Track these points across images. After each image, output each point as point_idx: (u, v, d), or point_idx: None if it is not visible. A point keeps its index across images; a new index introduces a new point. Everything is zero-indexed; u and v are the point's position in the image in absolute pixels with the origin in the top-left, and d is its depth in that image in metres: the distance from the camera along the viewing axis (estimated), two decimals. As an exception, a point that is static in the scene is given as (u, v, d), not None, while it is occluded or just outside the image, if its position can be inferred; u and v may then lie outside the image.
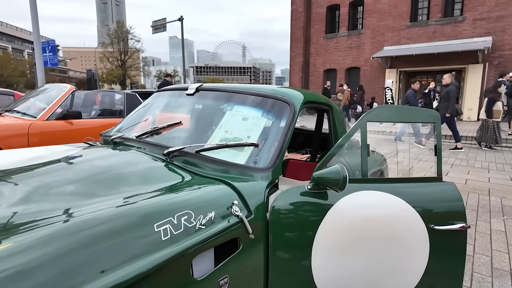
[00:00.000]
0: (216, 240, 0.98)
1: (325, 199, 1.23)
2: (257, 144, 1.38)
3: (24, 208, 0.93)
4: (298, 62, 18.65)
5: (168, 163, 1.36)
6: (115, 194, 1.05)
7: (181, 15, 19.26)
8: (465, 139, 8.46)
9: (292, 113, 1.45)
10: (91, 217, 0.84)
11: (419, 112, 1.47)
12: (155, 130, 1.67)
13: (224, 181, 1.19)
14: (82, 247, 0.75)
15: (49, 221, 0.83)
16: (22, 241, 0.73)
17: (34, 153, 1.51)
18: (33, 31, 6.92)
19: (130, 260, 0.79)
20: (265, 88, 1.65)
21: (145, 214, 0.90)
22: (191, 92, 1.76)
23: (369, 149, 1.37)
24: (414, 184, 1.39)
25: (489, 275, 2.15)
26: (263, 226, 1.13)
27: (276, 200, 1.17)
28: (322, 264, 1.21)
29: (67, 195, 1.03)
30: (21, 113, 3.65)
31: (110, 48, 43.42)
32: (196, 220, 0.97)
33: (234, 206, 1.07)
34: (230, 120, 1.55)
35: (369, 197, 1.29)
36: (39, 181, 1.10)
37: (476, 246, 2.55)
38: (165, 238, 0.88)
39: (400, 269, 1.31)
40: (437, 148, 1.43)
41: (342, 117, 1.93)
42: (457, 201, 1.38)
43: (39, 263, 0.69)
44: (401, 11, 15.14)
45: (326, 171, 1.16)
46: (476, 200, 3.72)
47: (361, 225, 1.25)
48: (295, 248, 1.18)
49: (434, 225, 1.32)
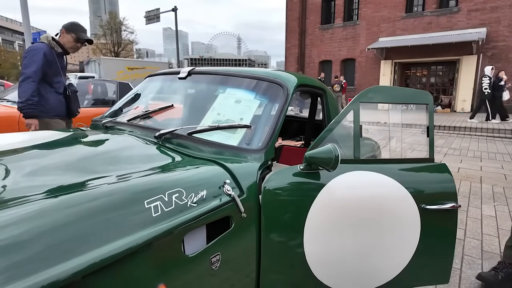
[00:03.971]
0: (207, 218, 0.98)
1: (317, 179, 1.23)
2: (249, 126, 1.37)
3: (13, 185, 0.92)
4: (294, 53, 18.55)
5: (160, 146, 1.35)
6: (106, 173, 1.04)
7: (175, 6, 18.98)
8: (458, 130, 8.54)
9: (285, 96, 1.44)
10: (80, 193, 0.84)
11: (412, 93, 1.47)
12: (146, 113, 1.65)
13: (217, 162, 1.18)
14: (72, 222, 0.75)
15: (38, 197, 0.82)
16: (11, 215, 0.72)
17: (24, 136, 1.48)
18: (23, 22, 6.78)
19: (121, 235, 0.79)
20: (258, 70, 1.63)
21: (136, 191, 0.89)
22: (183, 76, 1.74)
23: (362, 130, 1.37)
24: (406, 165, 1.40)
25: (479, 257, 2.19)
26: (255, 206, 1.13)
27: (268, 181, 1.16)
28: (314, 244, 1.22)
29: (58, 174, 1.02)
30: (11, 102, 3.59)
31: (103, 39, 42.72)
32: (187, 198, 0.97)
33: (226, 185, 1.07)
34: (223, 103, 1.54)
35: (361, 177, 1.29)
36: (29, 162, 1.09)
37: (467, 231, 2.59)
38: (156, 214, 0.88)
39: (392, 248, 1.33)
40: (429, 130, 1.43)
41: (335, 102, 1.93)
42: (449, 182, 1.39)
43: (28, 236, 0.68)
44: (396, 1, 15.07)
45: (318, 151, 1.16)
46: (468, 187, 3.77)
47: (353, 204, 1.25)
48: (287, 228, 1.18)
49: (425, 205, 1.33)
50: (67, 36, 2.53)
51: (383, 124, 8.78)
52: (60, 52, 2.55)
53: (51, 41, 2.51)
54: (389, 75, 15.60)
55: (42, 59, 2.37)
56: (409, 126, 8.84)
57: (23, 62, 2.40)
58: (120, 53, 43.10)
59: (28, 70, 2.32)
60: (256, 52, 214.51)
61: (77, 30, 2.57)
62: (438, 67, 15.75)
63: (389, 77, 15.62)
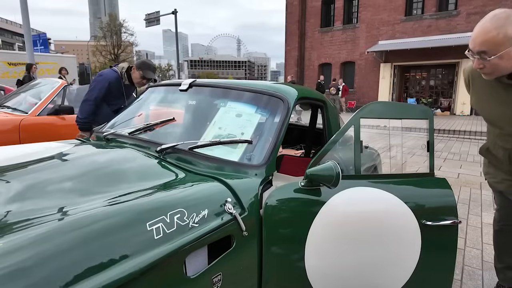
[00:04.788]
0: (209, 238, 0.98)
1: (319, 196, 1.24)
2: (250, 141, 1.38)
3: (16, 206, 0.92)
4: (293, 56, 18.59)
5: (161, 160, 1.35)
6: (107, 192, 1.04)
7: (174, 8, 19.02)
8: (458, 133, 8.55)
9: (286, 109, 1.45)
10: (82, 216, 0.84)
11: (412, 108, 1.47)
12: (148, 126, 1.65)
13: (218, 178, 1.18)
14: (74, 247, 0.75)
15: (40, 221, 0.83)
16: (14, 240, 0.73)
17: (26, 150, 1.49)
18: (23, 24, 6.79)
19: (123, 260, 0.79)
20: (259, 84, 1.64)
21: (137, 213, 0.90)
22: (184, 88, 1.75)
23: (362, 145, 1.37)
24: (407, 180, 1.40)
25: (480, 268, 2.19)
26: (257, 223, 1.13)
27: (269, 197, 1.17)
28: (315, 260, 1.22)
29: (60, 193, 1.02)
30: (11, 109, 3.59)
31: (103, 41, 42.80)
32: (189, 218, 0.97)
33: (227, 204, 1.07)
34: (224, 117, 1.55)
35: (362, 193, 1.30)
36: (32, 179, 1.09)
37: (467, 240, 2.60)
38: (158, 237, 0.88)
39: (392, 264, 1.33)
40: (429, 144, 1.44)
41: (336, 113, 1.93)
42: (449, 197, 1.39)
43: (30, 263, 0.68)
44: (396, 5, 15.12)
45: (319, 168, 1.16)
46: (468, 194, 3.77)
47: (354, 221, 1.26)
48: (288, 245, 1.18)
49: (426, 221, 1.33)
50: (136, 73, 2.83)
51: (383, 129, 8.78)
52: (127, 83, 2.86)
53: (123, 72, 2.82)
54: (389, 78, 15.63)
55: (105, 87, 2.71)
56: (408, 130, 8.84)
57: (91, 84, 2.79)
58: (120, 55, 43.14)
59: (91, 94, 2.70)
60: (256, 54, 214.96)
61: (145, 69, 2.84)
62: (437, 70, 15.79)
63: (388, 80, 15.66)
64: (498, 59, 1.14)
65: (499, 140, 1.50)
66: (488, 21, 1.14)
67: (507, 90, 1.30)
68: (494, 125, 1.48)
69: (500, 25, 1.11)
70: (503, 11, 1.14)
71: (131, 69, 2.83)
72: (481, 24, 1.16)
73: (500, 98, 1.34)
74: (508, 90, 1.30)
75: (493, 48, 1.13)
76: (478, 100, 1.48)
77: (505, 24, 1.10)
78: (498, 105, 1.37)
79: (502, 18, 1.11)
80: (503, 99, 1.33)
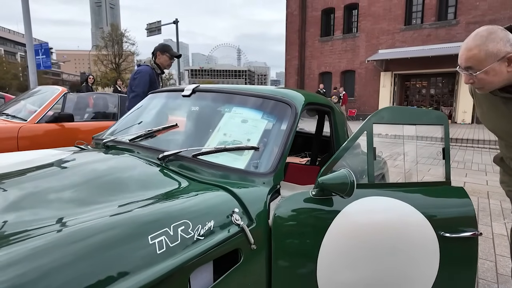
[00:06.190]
0: (215, 252, 0.91)
1: (331, 206, 1.16)
2: (257, 148, 1.31)
3: (13, 216, 0.87)
4: (294, 65, 18.67)
5: (163, 168, 1.28)
6: (106, 202, 0.97)
7: (176, 18, 19.19)
8: (460, 142, 8.49)
9: (293, 115, 1.39)
10: (81, 228, 0.78)
11: (426, 114, 1.41)
12: (149, 133, 1.59)
13: (223, 187, 1.11)
14: (71, 263, 0.69)
15: (37, 232, 0.77)
16: (10, 254, 0.68)
17: (24, 157, 1.42)
18: (26, 34, 6.79)
19: (122, 276, 0.72)
20: (264, 89, 1.58)
21: (139, 225, 0.83)
22: (188, 94, 1.69)
23: (376, 152, 1.31)
24: (423, 189, 1.33)
25: (495, 281, 2.09)
26: (265, 234, 1.06)
27: (278, 207, 1.10)
28: (328, 274, 1.14)
29: (58, 203, 0.96)
30: (10, 116, 3.54)
31: (104, 51, 43.14)
32: (194, 230, 0.89)
33: (234, 214, 1.00)
34: (229, 123, 1.48)
35: (377, 203, 1.22)
36: (30, 187, 1.03)
37: (480, 251, 2.50)
38: (161, 251, 0.80)
39: (409, 278, 1.25)
40: (445, 151, 1.37)
41: (343, 119, 1.87)
42: (468, 206, 1.32)
43: (28, 278, 0.63)
44: (395, 14, 15.25)
45: (332, 176, 1.09)
46: (476, 203, 3.69)
47: (370, 233, 1.18)
48: (299, 258, 1.10)
49: (444, 232, 1.25)
50: (163, 57, 3.07)
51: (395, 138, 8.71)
52: (159, 72, 3.09)
53: (153, 64, 3.05)
54: (389, 86, 15.66)
55: (147, 80, 2.94)
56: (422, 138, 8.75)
57: (134, 82, 2.99)
58: (121, 64, 43.44)
59: (138, 89, 2.92)
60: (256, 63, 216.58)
61: (169, 50, 3.08)
62: (437, 79, 15.83)
63: (389, 89, 15.69)
64: (484, 74, 1.17)
65: (506, 151, 1.49)
66: (471, 40, 1.18)
67: (505, 103, 1.30)
68: (499, 137, 1.48)
69: (481, 43, 1.15)
70: (486, 28, 1.18)
71: (155, 58, 3.05)
72: (465, 42, 1.21)
73: (499, 111, 1.34)
74: (507, 103, 1.30)
75: (477, 64, 1.17)
76: (482, 113, 1.48)
77: (486, 41, 1.15)
78: (499, 118, 1.37)
79: (484, 36, 1.15)
80: (503, 112, 1.33)
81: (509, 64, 1.15)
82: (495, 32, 1.16)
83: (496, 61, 1.14)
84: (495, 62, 1.15)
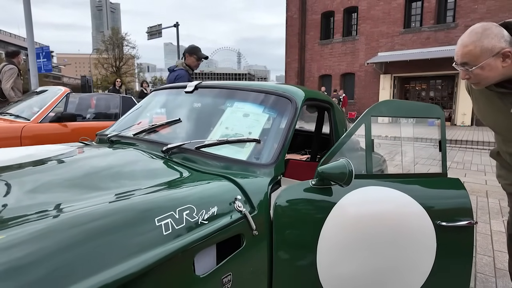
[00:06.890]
0: (219, 236, 0.94)
1: (330, 195, 1.20)
2: (259, 140, 1.35)
3: (14, 203, 0.88)
4: (294, 68, 18.76)
5: (167, 160, 1.32)
6: (114, 189, 1.01)
7: (176, 21, 19.31)
8: (460, 143, 8.52)
9: (294, 109, 1.42)
10: (87, 212, 0.80)
11: (423, 107, 1.45)
12: (152, 127, 1.62)
13: (226, 177, 1.15)
14: (78, 242, 0.71)
15: (43, 215, 0.79)
16: (14, 235, 0.69)
17: (27, 151, 1.46)
18: (27, 37, 6.85)
19: (129, 256, 0.75)
20: (265, 84, 1.62)
21: (145, 208, 0.86)
22: (190, 90, 1.73)
23: (374, 144, 1.34)
24: (420, 180, 1.36)
25: (493, 275, 2.12)
26: (266, 223, 1.09)
27: (279, 197, 1.13)
28: (328, 262, 1.17)
29: (63, 191, 0.98)
30: (14, 116, 3.58)
31: (105, 54, 43.32)
32: (198, 214, 0.93)
33: (237, 202, 1.04)
34: (231, 117, 1.52)
35: (374, 192, 1.26)
36: (33, 178, 1.06)
37: (478, 247, 2.53)
38: (167, 232, 0.84)
39: (408, 266, 1.28)
40: (441, 143, 1.41)
41: (343, 116, 1.91)
42: (464, 197, 1.35)
43: (32, 259, 0.64)
44: (394, 17, 15.35)
45: (332, 166, 1.13)
46: (475, 202, 3.72)
47: (367, 221, 1.21)
48: (299, 246, 1.14)
49: (441, 222, 1.29)
50: (191, 58, 3.30)
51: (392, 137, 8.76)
52: (190, 73, 3.31)
53: (186, 66, 3.27)
54: (389, 89, 15.72)
55: (187, 81, 3.08)
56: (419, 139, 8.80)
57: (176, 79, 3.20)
58: (122, 68, 43.60)
59: None
60: (256, 67, 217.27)
61: (197, 51, 3.31)
62: (437, 81, 15.89)
63: (388, 91, 15.75)
64: (480, 69, 1.20)
65: (503, 145, 1.52)
66: (466, 36, 1.22)
67: (501, 98, 1.33)
68: (496, 132, 1.52)
69: (476, 39, 1.18)
70: (481, 25, 1.21)
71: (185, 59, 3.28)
72: (461, 39, 1.24)
73: (496, 106, 1.37)
74: (502, 98, 1.33)
75: (473, 60, 1.20)
76: (478, 109, 1.51)
77: (481, 38, 1.18)
78: (495, 113, 1.39)
79: (479, 33, 1.19)
80: (499, 107, 1.36)
81: (504, 59, 1.18)
82: (490, 29, 1.19)
83: (491, 56, 1.18)
84: (490, 58, 1.18)
